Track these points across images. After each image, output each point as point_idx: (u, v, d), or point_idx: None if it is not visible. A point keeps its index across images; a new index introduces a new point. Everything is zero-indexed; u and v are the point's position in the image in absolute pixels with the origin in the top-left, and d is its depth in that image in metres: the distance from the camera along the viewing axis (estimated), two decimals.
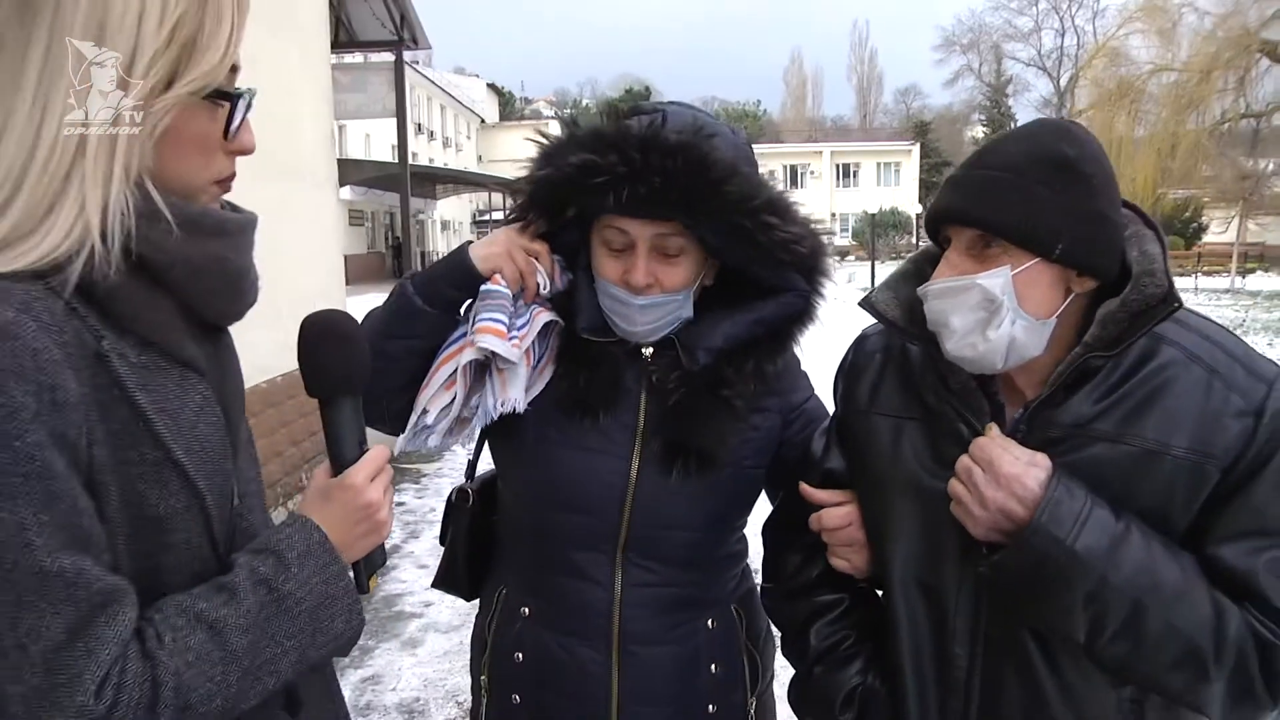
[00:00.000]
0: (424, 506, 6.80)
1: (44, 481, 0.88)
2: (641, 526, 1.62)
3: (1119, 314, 1.26)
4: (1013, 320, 1.27)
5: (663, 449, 1.61)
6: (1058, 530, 1.20)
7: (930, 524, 1.39)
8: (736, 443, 1.64)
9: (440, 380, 1.60)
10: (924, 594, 1.41)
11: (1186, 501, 1.25)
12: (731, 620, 1.76)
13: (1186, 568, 1.23)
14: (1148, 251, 1.30)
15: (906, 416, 1.46)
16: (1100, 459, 1.27)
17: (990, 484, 1.25)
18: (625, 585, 1.64)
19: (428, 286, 1.61)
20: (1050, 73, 62.26)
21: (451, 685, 4.04)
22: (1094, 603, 1.20)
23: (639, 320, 1.58)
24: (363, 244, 38.32)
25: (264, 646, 1.04)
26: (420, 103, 45.43)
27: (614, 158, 1.45)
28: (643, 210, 1.49)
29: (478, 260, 1.59)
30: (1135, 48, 33.35)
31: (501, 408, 1.58)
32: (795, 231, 1.55)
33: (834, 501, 1.54)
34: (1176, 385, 1.27)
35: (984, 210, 1.27)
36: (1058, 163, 1.26)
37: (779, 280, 1.60)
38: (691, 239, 1.54)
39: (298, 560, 1.08)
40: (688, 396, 1.60)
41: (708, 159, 1.46)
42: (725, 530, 1.74)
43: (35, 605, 0.88)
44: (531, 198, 1.59)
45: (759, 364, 1.63)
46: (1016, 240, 1.26)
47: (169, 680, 0.95)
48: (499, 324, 1.54)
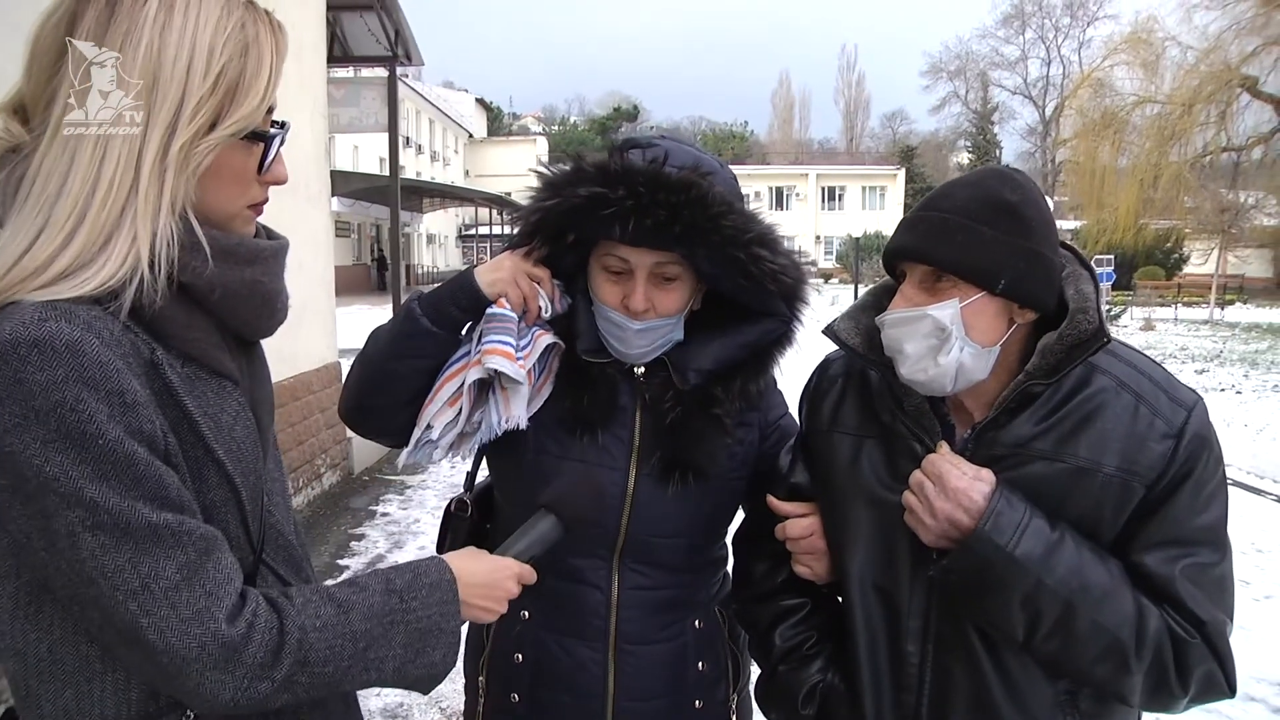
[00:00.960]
0: (408, 518, 6.90)
1: (130, 467, 1.01)
2: (637, 535, 1.74)
3: (1056, 346, 1.40)
4: (960, 347, 1.41)
5: (660, 464, 1.73)
6: (999, 538, 1.33)
7: (885, 532, 1.53)
8: (724, 456, 1.77)
9: (444, 397, 1.70)
10: (879, 596, 1.54)
11: (1114, 514, 1.39)
12: (716, 621, 1.89)
13: (1113, 572, 1.37)
14: (1082, 290, 1.44)
15: (865, 435, 1.59)
16: (1038, 475, 1.41)
17: (940, 496, 1.38)
18: (622, 589, 1.76)
19: (435, 308, 1.69)
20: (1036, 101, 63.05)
21: (435, 692, 4.11)
22: (1031, 603, 1.34)
23: (635, 343, 1.70)
24: (349, 256, 38.40)
25: (379, 642, 1.19)
26: (409, 116, 45.56)
27: (622, 192, 1.55)
28: (645, 240, 1.59)
29: (484, 285, 1.68)
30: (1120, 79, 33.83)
31: (505, 424, 1.68)
32: (782, 263, 1.67)
33: (798, 513, 1.67)
34: (1107, 410, 1.41)
35: (936, 248, 1.41)
36: (1001, 207, 1.40)
37: (763, 305, 1.73)
38: (687, 267, 1.65)
39: (429, 587, 1.26)
40: (683, 415, 1.72)
41: (707, 196, 1.57)
42: (711, 537, 1.87)
43: (151, 551, 1.02)
44: (537, 225, 1.67)
45: (744, 384, 1.76)
46: (964, 275, 1.40)
47: (294, 632, 1.12)
48: (508, 346, 1.63)
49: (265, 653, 1.08)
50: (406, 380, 1.71)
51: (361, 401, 1.76)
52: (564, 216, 1.62)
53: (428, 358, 1.70)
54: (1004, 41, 62.68)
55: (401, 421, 1.73)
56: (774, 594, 1.73)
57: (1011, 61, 63.15)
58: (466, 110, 60.97)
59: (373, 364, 1.73)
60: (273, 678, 1.09)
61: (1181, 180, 30.40)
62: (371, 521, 6.83)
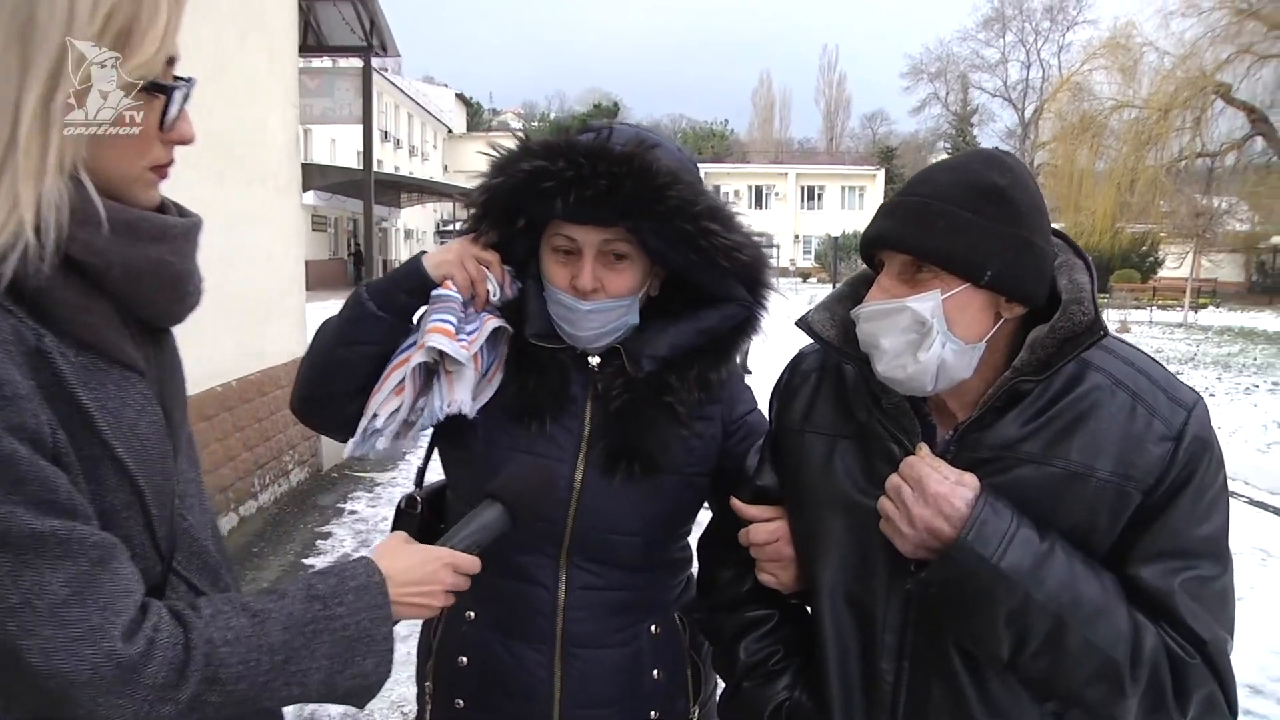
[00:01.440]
0: (376, 515, 6.75)
1: (9, 468, 0.89)
2: (585, 530, 1.65)
3: (1047, 340, 1.30)
4: (942, 343, 1.30)
5: (606, 453, 1.65)
6: (983, 549, 1.23)
7: (859, 540, 1.42)
8: (680, 449, 1.68)
9: (391, 385, 1.64)
10: (852, 610, 1.44)
11: (1109, 523, 1.29)
12: (674, 627, 1.79)
13: (1107, 586, 1.27)
14: (1076, 280, 1.34)
15: (840, 434, 1.48)
16: (1026, 480, 1.30)
17: (918, 502, 1.28)
18: (569, 588, 1.67)
19: (382, 293, 1.65)
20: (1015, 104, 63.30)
21: (397, 696, 4.02)
22: (1017, 619, 1.23)
23: (585, 325, 1.63)
24: (325, 250, 38.06)
25: (301, 653, 1.09)
26: (388, 110, 45.31)
27: (563, 163, 1.52)
28: (589, 216, 1.55)
29: (430, 267, 1.64)
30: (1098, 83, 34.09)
31: (448, 409, 1.62)
32: (735, 239, 1.61)
33: (763, 517, 1.56)
34: (1102, 410, 1.31)
35: (915, 236, 1.31)
36: (987, 191, 1.29)
37: (722, 290, 1.66)
38: (636, 246, 1.59)
39: (355, 590, 1.16)
40: (631, 402, 1.65)
41: (651, 167, 1.53)
42: (668, 536, 1.77)
43: (33, 563, 0.91)
44: (484, 207, 1.65)
45: (703, 372, 1.69)
46: (946, 265, 1.30)
47: (201, 647, 1.00)
48: (448, 324, 1.58)
49: (168, 671, 0.97)
50: (354, 368, 1.65)
51: (310, 391, 1.71)
52: (510, 195, 1.59)
53: (375, 344, 1.64)
54: (984, 44, 62.96)
55: (351, 413, 1.67)
56: (739, 604, 1.62)
57: (991, 64, 63.44)
58: (446, 105, 60.70)
59: (320, 352, 1.68)
60: (177, 699, 0.98)
61: (1158, 184, 30.65)
62: (339, 519, 6.69)
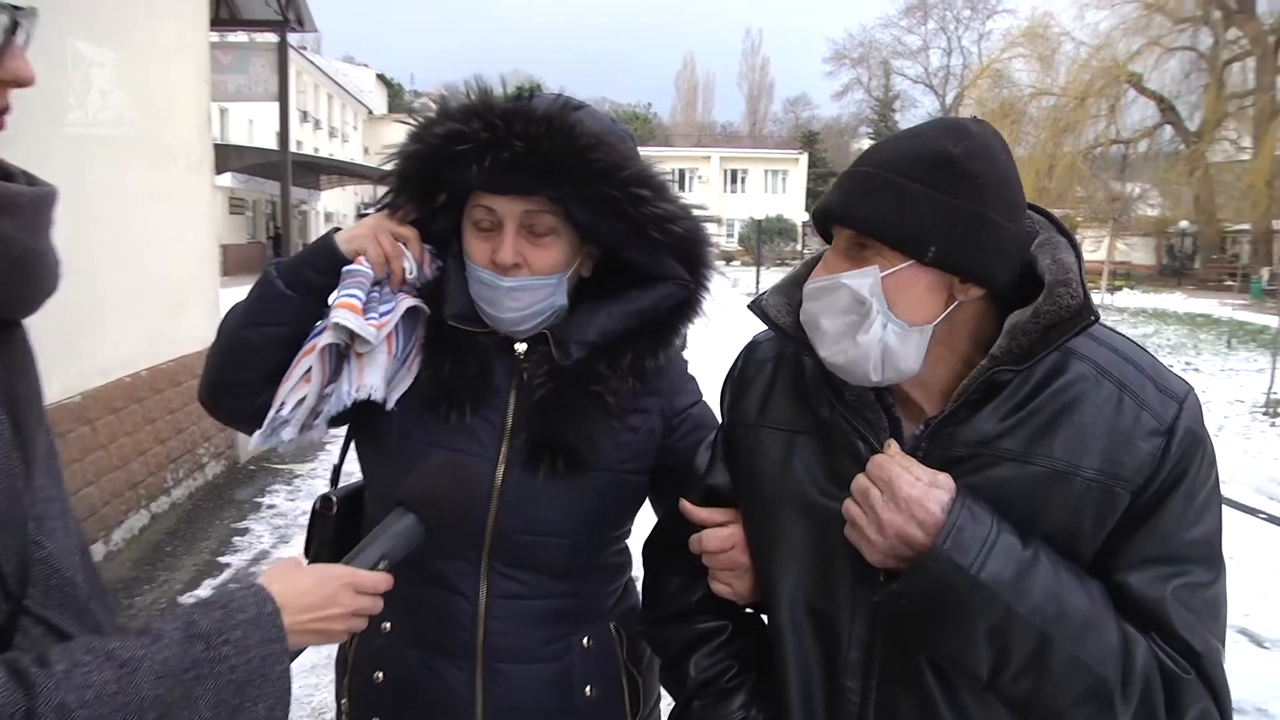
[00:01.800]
0: (295, 509, 6.50)
1: None
2: (507, 532, 1.51)
3: (1030, 325, 1.18)
4: (883, 324, 1.19)
5: (528, 447, 1.51)
6: (961, 558, 1.11)
7: (821, 547, 1.29)
8: (610, 444, 1.55)
9: (299, 373, 1.51)
10: (814, 622, 1.31)
11: (1095, 526, 1.17)
12: (609, 638, 1.65)
13: (1095, 597, 1.15)
14: (1061, 260, 1.22)
15: (798, 430, 1.36)
16: (1005, 480, 1.18)
17: (888, 506, 1.15)
18: (490, 596, 1.53)
19: (291, 270, 1.53)
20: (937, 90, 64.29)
21: (318, 702, 3.82)
22: (998, 635, 1.12)
23: (507, 305, 1.50)
24: (243, 233, 37.07)
25: (179, 706, 0.91)
26: (307, 90, 44.22)
27: (477, 124, 1.41)
28: (507, 183, 1.43)
29: (342, 242, 1.52)
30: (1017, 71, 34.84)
31: (355, 394, 1.49)
32: (668, 208, 1.48)
33: (716, 521, 1.43)
34: (1086, 402, 1.19)
35: (857, 209, 1.19)
36: (937, 160, 1.17)
37: (659, 268, 1.53)
38: (562, 219, 1.47)
39: (245, 625, 1.00)
40: (555, 392, 1.51)
41: (574, 128, 1.42)
42: (599, 538, 1.63)
43: None
44: (401, 178, 1.52)
45: (637, 359, 1.55)
46: (887, 240, 1.18)
47: (49, 715, 0.82)
48: (354, 299, 1.45)
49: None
50: (262, 353, 1.52)
51: (217, 378, 1.58)
52: (426, 164, 1.48)
53: (283, 326, 1.52)
54: (906, 31, 63.78)
55: (260, 404, 1.53)
56: (688, 615, 1.49)
57: (913, 51, 64.32)
58: (366, 86, 59.45)
59: (227, 336, 1.56)
60: None
61: (1075, 170, 31.47)
62: (257, 514, 6.41)
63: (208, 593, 4.99)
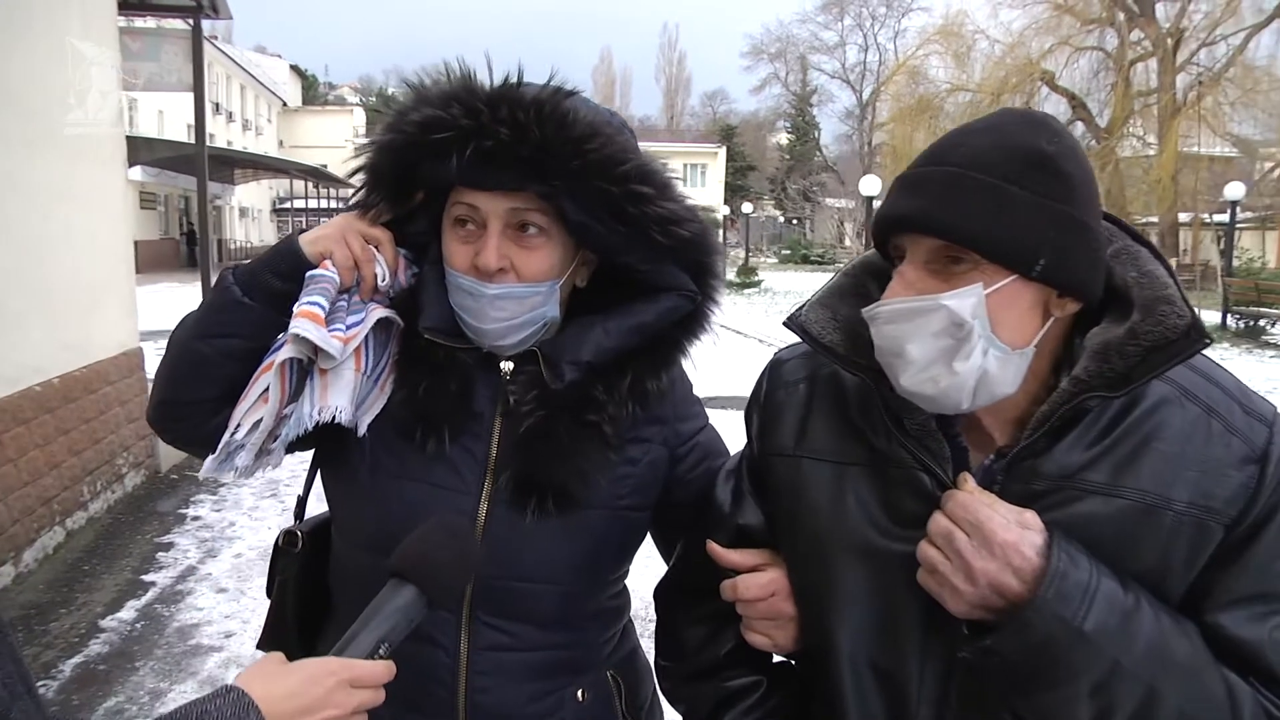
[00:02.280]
0: (222, 520, 6.19)
1: None
2: (492, 578, 1.34)
3: (1128, 347, 1.05)
4: (984, 350, 1.05)
5: (513, 485, 1.33)
6: (1063, 609, 0.98)
7: (884, 594, 1.16)
8: (607, 480, 1.37)
9: (257, 392, 1.33)
10: (878, 679, 1.17)
11: (1187, 563, 1.06)
12: (607, 690, 1.48)
13: (1196, 642, 1.04)
14: (1151, 273, 1.10)
15: (848, 461, 1.21)
16: (1092, 516, 1.06)
17: (980, 553, 1.02)
18: (473, 649, 1.36)
19: (249, 275, 1.36)
20: (854, 86, 65.12)
21: None
22: (1102, 692, 1.00)
23: (490, 315, 1.32)
24: (155, 229, 35.88)
25: None
26: (219, 81, 42.96)
27: (457, 110, 1.25)
28: (492, 178, 1.27)
29: (305, 244, 1.35)
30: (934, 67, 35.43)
31: (319, 416, 1.31)
32: (672, 209, 1.32)
33: (749, 564, 1.28)
34: (1171, 428, 1.08)
35: (951, 216, 1.04)
36: (1035, 160, 1.05)
37: (662, 278, 1.36)
38: (553, 218, 1.30)
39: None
40: (545, 421, 1.34)
41: (566, 115, 1.26)
42: (597, 584, 1.46)
43: None
44: (373, 174, 1.34)
45: (637, 381, 1.38)
46: (990, 253, 1.04)
47: None
48: (317, 308, 1.28)
49: None
50: (216, 368, 1.35)
51: (166, 396, 1.40)
52: (401, 157, 1.31)
53: (241, 338, 1.35)
54: (823, 27, 64.46)
55: (215, 425, 1.36)
56: (716, 670, 1.34)
57: (830, 46, 65.01)
58: (280, 77, 58.03)
59: (178, 348, 1.39)
60: None
61: None
62: (181, 527, 6.07)
63: (131, 614, 4.69)
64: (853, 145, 63.83)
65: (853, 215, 44.81)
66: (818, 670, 1.24)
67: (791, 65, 68.45)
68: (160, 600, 4.91)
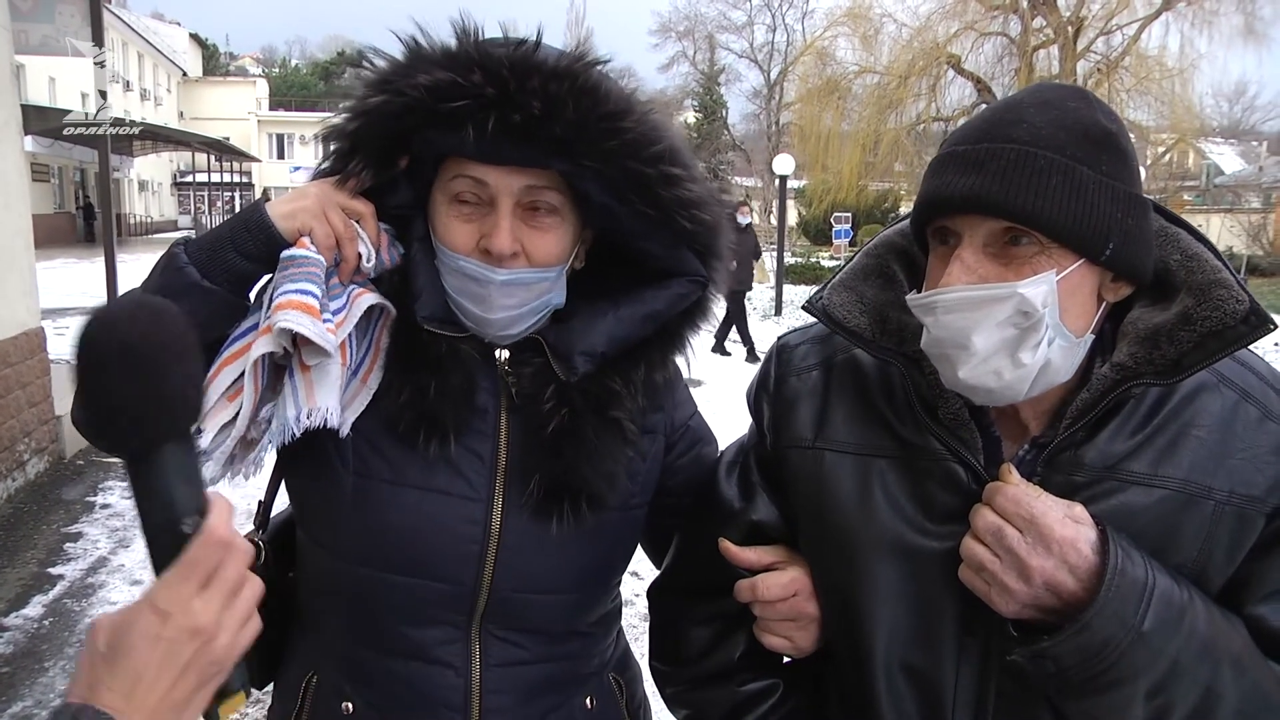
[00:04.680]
0: (133, 508, 5.89)
1: None
2: (506, 590, 1.23)
3: (1181, 334, 1.02)
4: (1050, 339, 1.00)
5: (542, 491, 1.22)
6: (1124, 609, 0.94)
7: (919, 594, 1.10)
8: (625, 476, 1.28)
9: (221, 388, 1.16)
10: (913, 683, 1.12)
11: (1228, 555, 1.03)
12: (611, 694, 1.41)
13: (1246, 639, 1.02)
14: (1198, 255, 1.06)
15: (874, 454, 1.15)
16: (1134, 508, 1.03)
17: (1037, 549, 0.97)
18: (485, 666, 1.25)
19: (207, 253, 1.17)
20: (761, 65, 65.41)
21: None
22: (1161, 692, 0.97)
23: (499, 303, 1.20)
24: (49, 203, 34.20)
25: None
26: (115, 47, 41.11)
27: (479, 77, 1.11)
28: (510, 153, 1.15)
29: (278, 218, 1.17)
30: (841, 49, 35.76)
31: (307, 420, 1.15)
32: (699, 192, 1.22)
33: (764, 562, 1.22)
34: (1209, 415, 1.05)
35: (1025, 197, 0.98)
36: (1100, 138, 1.00)
37: (673, 261, 1.26)
38: (568, 197, 1.19)
39: None
40: (570, 418, 1.22)
41: (599, 88, 1.15)
42: (607, 587, 1.38)
43: None
44: (356, 140, 1.18)
45: (650, 373, 1.29)
46: (1063, 237, 0.99)
47: None
48: (309, 298, 1.12)
49: None
50: None
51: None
52: (394, 123, 1.15)
53: (198, 327, 1.11)
54: (731, 6, 64.38)
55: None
56: (727, 674, 1.27)
57: (738, 26, 65.02)
58: (179, 46, 55.74)
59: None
60: None
61: (899, 145, 32.69)
62: (90, 516, 5.78)
63: (38, 611, 4.44)
64: (760, 125, 64.18)
65: (760, 194, 45.13)
66: (846, 673, 1.19)
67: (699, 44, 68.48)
68: (70, 594, 4.67)
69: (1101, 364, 1.07)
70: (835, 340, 1.24)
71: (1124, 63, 31.33)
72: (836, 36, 37.19)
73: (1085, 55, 32.51)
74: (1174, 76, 28.54)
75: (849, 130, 33.59)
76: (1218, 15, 27.81)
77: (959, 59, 33.31)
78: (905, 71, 32.43)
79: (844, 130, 33.71)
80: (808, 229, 41.40)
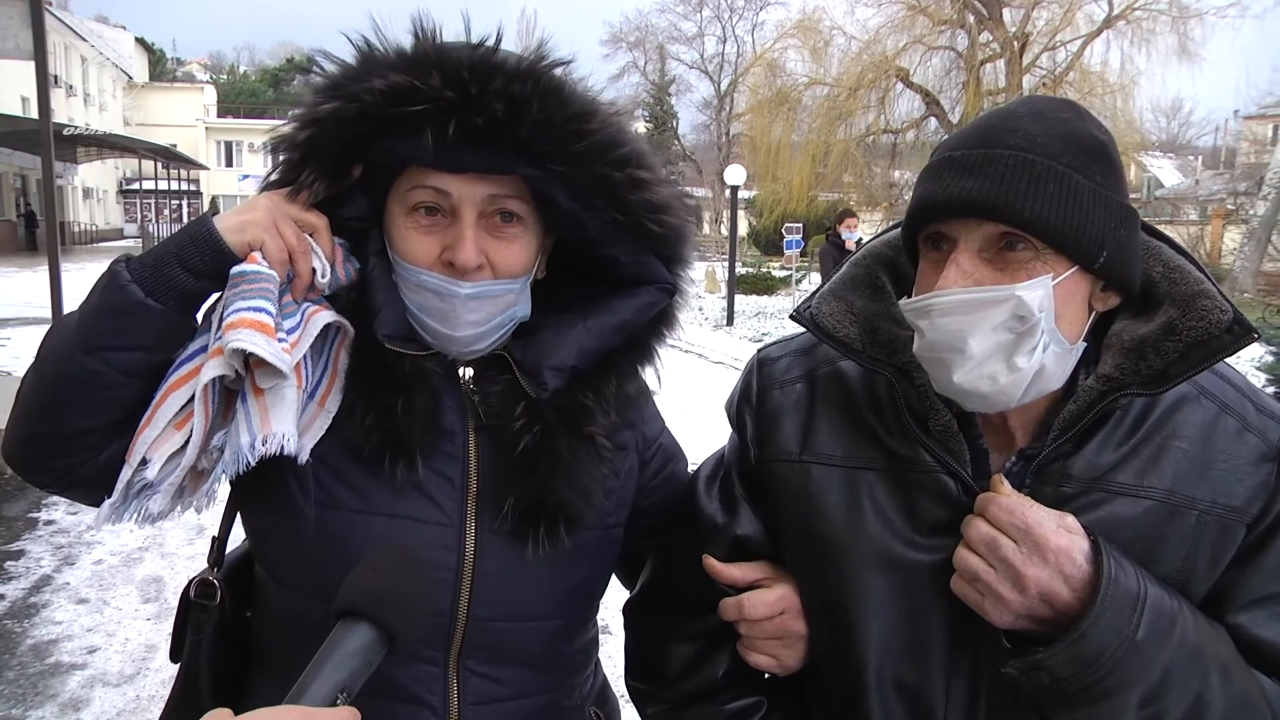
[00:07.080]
0: (79, 524, 5.76)
1: None
2: (484, 620, 1.19)
3: (1166, 344, 1.03)
4: (1045, 344, 1.01)
5: (517, 514, 1.18)
6: (1118, 619, 0.95)
7: (910, 608, 1.10)
8: (600, 495, 1.25)
9: (167, 415, 1.11)
10: (904, 697, 1.12)
11: (1210, 565, 1.05)
12: None
13: (1231, 646, 1.03)
14: (1180, 267, 1.08)
15: (862, 466, 1.15)
16: (1122, 518, 1.04)
17: (1032, 559, 0.98)
18: (464, 704, 1.20)
19: (152, 270, 1.10)
20: (712, 76, 65.85)
21: None
22: (1154, 702, 0.98)
23: (464, 318, 1.16)
24: None
25: None
26: (58, 51, 40.26)
27: (437, 80, 1.07)
28: (472, 160, 1.11)
29: (227, 232, 1.12)
30: (791, 61, 36.12)
31: (262, 447, 1.09)
32: (666, 195, 1.20)
33: (749, 579, 1.21)
34: (1189, 426, 1.07)
35: (1024, 201, 0.99)
36: (1093, 148, 1.02)
37: (640, 269, 1.23)
38: (532, 204, 1.16)
39: None
40: (543, 436, 1.19)
41: (563, 89, 1.12)
42: (588, 612, 1.35)
43: None
44: (307, 149, 1.13)
45: (621, 385, 1.26)
46: (1060, 243, 1.00)
47: None
48: (264, 315, 1.07)
49: None
50: (113, 388, 1.10)
51: (36, 428, 1.13)
52: (347, 130, 1.11)
53: (144, 350, 1.11)
54: (682, 18, 64.90)
55: (104, 462, 1.12)
56: (711, 692, 1.25)
57: (689, 37, 65.54)
58: (125, 50, 54.86)
59: (53, 365, 1.12)
60: None
61: (849, 157, 33.12)
62: (32, 533, 5.62)
63: None
64: (711, 135, 64.57)
65: (711, 204, 45.34)
66: (833, 688, 1.18)
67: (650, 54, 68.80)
68: (11, 615, 4.52)
69: (1086, 376, 1.08)
70: (818, 353, 1.24)
71: (1069, 78, 32.01)
72: (786, 48, 37.55)
73: (1031, 70, 33.20)
74: (1116, 92, 29.28)
75: (799, 141, 33.95)
76: (1155, 34, 28.69)
77: (908, 72, 33.79)
78: (855, 84, 32.82)
79: (794, 141, 34.06)
80: (758, 239, 41.65)
